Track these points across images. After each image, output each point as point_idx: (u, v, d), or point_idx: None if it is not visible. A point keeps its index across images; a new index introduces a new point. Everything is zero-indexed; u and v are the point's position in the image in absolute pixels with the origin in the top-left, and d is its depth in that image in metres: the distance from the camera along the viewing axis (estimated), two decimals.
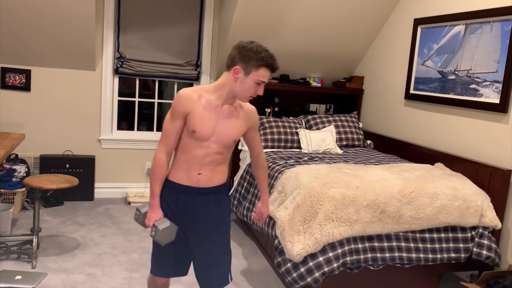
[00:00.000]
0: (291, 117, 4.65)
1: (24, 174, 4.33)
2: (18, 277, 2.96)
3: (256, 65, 1.95)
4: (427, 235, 3.03)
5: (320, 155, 4.00)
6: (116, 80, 4.84)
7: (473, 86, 3.57)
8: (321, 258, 2.73)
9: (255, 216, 2.38)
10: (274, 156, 3.84)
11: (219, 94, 2.04)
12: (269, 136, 4.21)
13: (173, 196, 2.11)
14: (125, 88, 4.96)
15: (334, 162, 3.68)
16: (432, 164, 3.76)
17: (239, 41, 2.02)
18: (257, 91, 2.02)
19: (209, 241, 2.14)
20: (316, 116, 4.63)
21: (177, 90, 4.81)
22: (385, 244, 2.92)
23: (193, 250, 2.17)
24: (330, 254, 2.75)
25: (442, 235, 3.07)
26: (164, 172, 2.09)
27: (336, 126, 4.51)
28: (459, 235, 3.10)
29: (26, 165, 4.43)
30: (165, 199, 2.12)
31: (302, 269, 2.72)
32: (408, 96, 4.29)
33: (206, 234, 2.13)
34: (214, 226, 2.15)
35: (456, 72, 3.74)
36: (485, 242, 3.11)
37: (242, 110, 2.12)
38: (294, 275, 2.74)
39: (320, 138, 4.26)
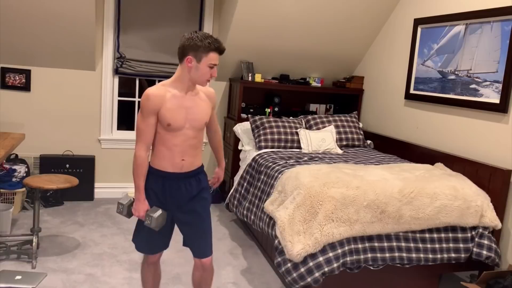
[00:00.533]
0: (291, 117, 4.65)
1: (24, 174, 4.33)
2: (18, 277, 2.96)
3: (205, 51, 2.15)
4: (427, 235, 3.03)
5: (320, 155, 4.00)
6: (116, 80, 4.84)
7: (473, 86, 3.57)
8: (321, 258, 2.73)
9: (213, 181, 2.64)
10: (274, 156, 3.84)
11: (181, 86, 2.24)
12: (269, 136, 4.21)
13: (159, 182, 2.31)
14: (121, 88, 4.96)
15: (334, 162, 3.68)
16: (432, 164, 3.76)
17: (183, 34, 2.23)
18: (212, 74, 2.21)
19: (195, 216, 2.37)
20: (316, 116, 4.63)
21: None
22: (385, 244, 2.92)
23: (182, 225, 2.39)
24: (330, 254, 2.75)
25: (442, 235, 3.07)
26: (146, 167, 2.29)
27: (336, 126, 4.51)
28: (459, 235, 3.10)
29: (26, 165, 4.43)
30: (150, 186, 2.31)
31: (302, 269, 2.72)
32: (408, 96, 4.29)
33: (191, 211, 2.36)
34: (198, 202, 2.37)
35: (456, 72, 3.74)
36: (485, 242, 3.11)
37: (203, 94, 2.35)
38: (294, 275, 2.74)
39: (320, 138, 4.26)
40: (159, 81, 5.01)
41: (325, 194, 2.83)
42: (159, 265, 2.56)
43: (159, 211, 2.26)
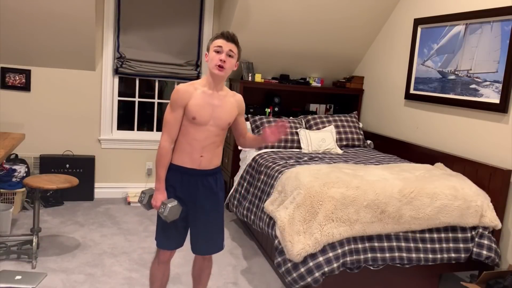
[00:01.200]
0: (291, 117, 4.65)
1: (24, 174, 4.33)
2: (18, 277, 2.96)
3: (212, 41, 2.34)
4: (427, 235, 3.03)
5: (320, 155, 4.00)
6: (116, 80, 4.84)
7: (473, 86, 3.57)
8: (321, 258, 2.73)
9: (271, 131, 2.39)
10: (274, 156, 3.84)
11: (206, 83, 2.37)
12: None
13: (177, 177, 2.39)
14: (125, 88, 4.96)
15: (334, 162, 3.68)
16: (432, 164, 3.76)
17: None
18: (219, 58, 2.29)
19: (210, 214, 2.45)
20: (316, 116, 4.63)
21: None
22: (385, 244, 2.92)
23: (194, 223, 2.45)
24: (330, 254, 2.75)
25: (442, 235, 3.07)
26: (169, 158, 2.37)
27: (336, 126, 4.51)
28: (459, 235, 3.10)
29: (26, 165, 4.43)
30: (169, 180, 2.39)
31: (302, 269, 2.72)
32: (408, 96, 4.29)
33: (207, 209, 2.44)
34: (213, 201, 2.46)
35: (456, 72, 3.74)
36: (485, 242, 3.11)
37: (233, 98, 2.45)
38: (294, 275, 2.74)
39: (320, 138, 4.26)
40: (159, 81, 5.03)
41: (325, 194, 2.83)
42: (169, 265, 2.57)
43: (175, 202, 2.32)
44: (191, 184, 2.39)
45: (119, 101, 4.89)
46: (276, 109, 4.99)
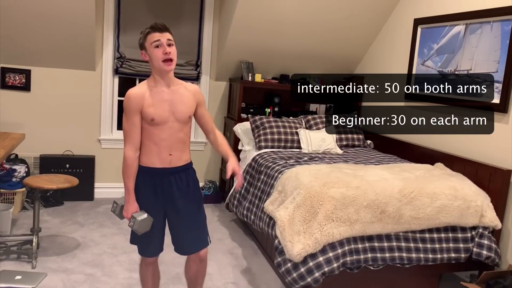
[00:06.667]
0: (291, 117, 4.65)
1: (24, 174, 4.33)
2: (18, 277, 2.96)
3: (144, 39, 2.25)
4: (427, 235, 3.03)
5: (320, 155, 4.00)
6: (116, 80, 4.83)
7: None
8: (321, 258, 2.73)
9: (228, 174, 2.41)
10: (274, 156, 3.84)
11: (154, 81, 2.30)
12: (269, 136, 4.21)
13: (149, 180, 2.34)
14: (125, 88, 4.96)
15: (334, 162, 3.68)
16: (432, 164, 3.76)
17: None
18: (164, 52, 2.22)
19: (188, 211, 2.41)
20: (316, 116, 4.63)
21: None
22: (385, 244, 2.92)
23: (174, 223, 2.42)
24: (330, 254, 2.75)
25: (442, 235, 3.07)
26: (135, 168, 2.31)
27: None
28: (459, 235, 3.10)
29: (26, 165, 4.43)
30: (142, 184, 2.33)
31: (302, 269, 2.72)
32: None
33: (184, 206, 2.39)
34: (190, 198, 2.41)
35: (456, 72, 3.74)
36: (485, 242, 3.11)
37: (187, 90, 2.38)
38: (294, 275, 2.74)
39: (320, 138, 4.26)
40: None
41: (325, 194, 2.83)
42: (157, 264, 2.58)
43: (145, 215, 2.29)
44: (165, 183, 2.34)
45: (119, 101, 4.89)
46: (276, 109, 4.99)
